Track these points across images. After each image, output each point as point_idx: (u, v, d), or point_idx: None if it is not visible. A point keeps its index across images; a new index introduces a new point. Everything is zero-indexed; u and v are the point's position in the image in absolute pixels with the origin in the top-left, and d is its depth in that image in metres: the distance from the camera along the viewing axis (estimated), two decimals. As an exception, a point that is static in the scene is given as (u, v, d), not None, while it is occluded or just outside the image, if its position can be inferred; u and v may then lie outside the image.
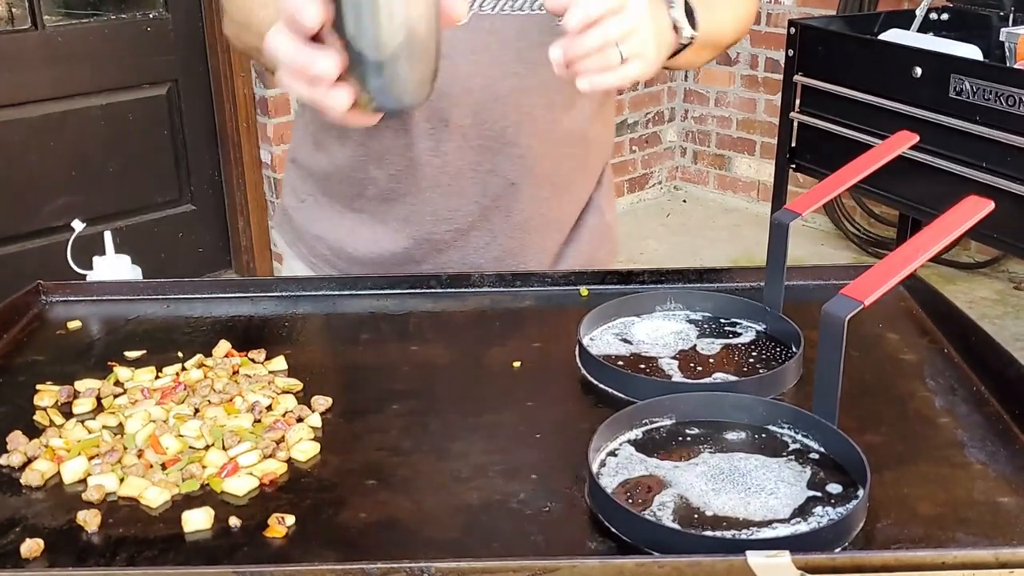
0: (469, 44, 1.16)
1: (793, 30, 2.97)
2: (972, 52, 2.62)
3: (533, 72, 1.19)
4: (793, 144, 3.07)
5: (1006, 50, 2.61)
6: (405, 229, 1.28)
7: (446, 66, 1.15)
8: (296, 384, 0.99)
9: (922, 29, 2.90)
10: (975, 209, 0.89)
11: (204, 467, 0.85)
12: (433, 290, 1.19)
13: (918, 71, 2.59)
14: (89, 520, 0.78)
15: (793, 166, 3.09)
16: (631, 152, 4.86)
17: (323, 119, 1.18)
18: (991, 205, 0.89)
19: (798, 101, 3.01)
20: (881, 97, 2.69)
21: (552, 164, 1.28)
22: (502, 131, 1.22)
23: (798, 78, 2.97)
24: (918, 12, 2.93)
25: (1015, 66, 2.51)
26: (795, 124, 3.04)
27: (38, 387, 0.98)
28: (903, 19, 2.99)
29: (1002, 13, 2.69)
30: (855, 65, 2.82)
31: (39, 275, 1.22)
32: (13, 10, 3.30)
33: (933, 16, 2.91)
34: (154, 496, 0.81)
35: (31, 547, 0.75)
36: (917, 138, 1.08)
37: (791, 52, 2.96)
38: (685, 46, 1.13)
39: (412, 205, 1.26)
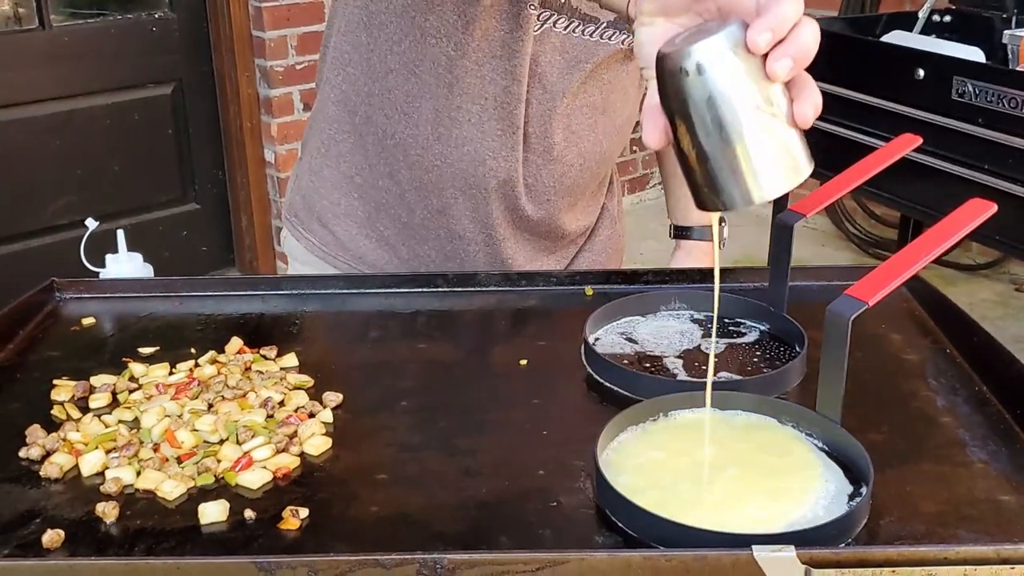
0: (535, 58, 1.20)
1: (796, 31, 2.97)
2: (975, 54, 2.62)
3: (585, 92, 1.24)
4: (795, 145, 3.07)
5: (1008, 52, 2.62)
6: (429, 238, 1.32)
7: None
8: (307, 380, 1.00)
9: (924, 31, 2.90)
10: (978, 211, 0.89)
11: (219, 461, 0.87)
12: (440, 289, 1.21)
13: (920, 73, 2.59)
14: (108, 512, 0.79)
15: (795, 167, 3.09)
16: (631, 152, 4.86)
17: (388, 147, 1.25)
18: (994, 208, 0.89)
19: (800, 102, 3.01)
20: (883, 99, 2.70)
21: (585, 182, 1.33)
22: (550, 147, 1.25)
23: (800, 79, 2.97)
24: (920, 14, 2.93)
25: (1018, 68, 2.52)
26: (797, 125, 3.04)
27: (55, 382, 0.99)
28: (905, 21, 2.99)
29: (1005, 15, 2.69)
30: (857, 67, 2.82)
31: (44, 273, 1.23)
32: (20, 10, 3.31)
33: (936, 18, 2.90)
34: (171, 489, 0.82)
35: (52, 538, 0.76)
36: (921, 140, 1.09)
37: (793, 53, 2.96)
38: None
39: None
